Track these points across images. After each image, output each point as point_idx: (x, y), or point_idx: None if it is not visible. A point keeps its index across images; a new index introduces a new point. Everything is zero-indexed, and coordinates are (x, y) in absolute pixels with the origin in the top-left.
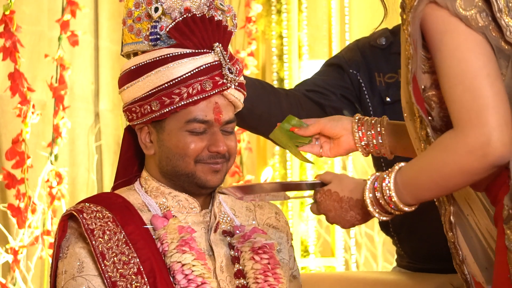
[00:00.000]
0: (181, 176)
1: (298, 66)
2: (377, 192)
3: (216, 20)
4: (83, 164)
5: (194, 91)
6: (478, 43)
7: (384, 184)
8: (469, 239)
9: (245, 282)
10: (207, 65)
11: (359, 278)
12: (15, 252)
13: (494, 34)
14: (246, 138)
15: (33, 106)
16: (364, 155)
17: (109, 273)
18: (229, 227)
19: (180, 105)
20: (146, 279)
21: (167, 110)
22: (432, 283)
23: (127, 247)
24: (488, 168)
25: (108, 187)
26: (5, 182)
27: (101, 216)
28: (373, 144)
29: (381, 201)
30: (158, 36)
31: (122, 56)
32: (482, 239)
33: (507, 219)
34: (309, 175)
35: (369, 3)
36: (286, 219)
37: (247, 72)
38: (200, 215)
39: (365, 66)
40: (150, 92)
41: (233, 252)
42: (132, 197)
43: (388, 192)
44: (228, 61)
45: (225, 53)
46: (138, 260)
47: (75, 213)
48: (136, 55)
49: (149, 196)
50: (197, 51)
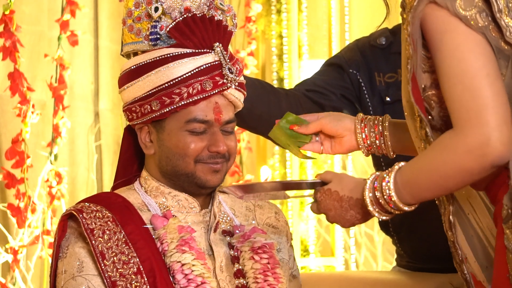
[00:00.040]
0: (181, 176)
1: (298, 66)
2: (377, 192)
3: (216, 20)
4: (82, 163)
5: (194, 91)
6: (478, 43)
7: (384, 183)
8: (469, 237)
9: (244, 281)
10: (207, 65)
11: (359, 277)
12: (14, 252)
13: (494, 34)
14: (246, 137)
15: (33, 106)
16: (366, 155)
17: (108, 273)
18: (228, 227)
19: (180, 105)
20: (146, 279)
21: (167, 110)
22: (432, 282)
23: (126, 247)
24: (488, 168)
25: (108, 186)
26: (5, 182)
27: (101, 216)
28: (376, 145)
29: (381, 200)
30: (158, 36)
31: (122, 56)
32: (483, 237)
33: (506, 218)
34: (309, 174)
35: (369, 3)
36: (285, 219)
37: (247, 72)
38: (199, 214)
39: (365, 66)
40: (150, 92)
41: (232, 252)
42: (132, 196)
43: (388, 191)
44: (228, 61)
45: (225, 53)
46: (138, 259)
47: (75, 213)
48: (136, 55)
49: (148, 196)
50: (197, 51)
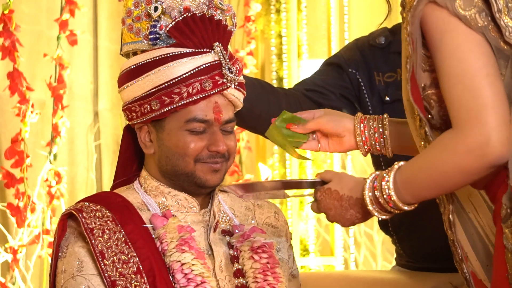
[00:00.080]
0: (181, 175)
1: (297, 66)
2: (376, 191)
3: (216, 20)
4: (82, 163)
5: (194, 90)
6: (478, 43)
7: (384, 183)
8: (470, 236)
9: (244, 281)
10: (207, 65)
11: (358, 277)
12: (14, 251)
13: (493, 34)
14: (245, 137)
15: (32, 106)
16: (364, 155)
17: (108, 272)
18: (228, 227)
19: (180, 104)
20: (145, 278)
21: (167, 109)
22: (431, 282)
23: (126, 246)
24: (487, 167)
25: (107, 186)
26: (4, 181)
27: (100, 215)
28: (375, 146)
29: (380, 200)
30: (158, 36)
31: (121, 55)
32: (483, 236)
33: (505, 218)
34: (308, 174)
35: (368, 2)
36: (285, 219)
37: (246, 71)
38: (199, 214)
39: (364, 65)
40: (150, 92)
41: (232, 252)
42: (132, 196)
43: (387, 191)
44: (228, 60)
45: (225, 52)
46: (137, 259)
47: (74, 212)
48: (135, 55)
49: (148, 196)
50: (197, 50)
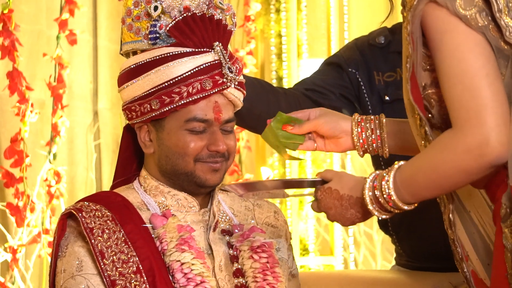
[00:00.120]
0: (181, 175)
1: (297, 65)
2: (376, 191)
3: (216, 19)
4: (81, 163)
5: (194, 90)
6: (478, 42)
7: (384, 182)
8: (470, 235)
9: (244, 281)
10: (207, 64)
11: (358, 276)
12: (13, 251)
13: (493, 34)
14: (245, 137)
15: (32, 105)
16: (361, 156)
17: (108, 272)
18: (228, 226)
19: (180, 104)
20: (145, 278)
21: (167, 109)
22: (431, 281)
23: (126, 246)
24: (486, 167)
25: (107, 186)
26: (3, 181)
27: (100, 215)
28: (373, 147)
29: (380, 199)
30: (158, 35)
31: (121, 55)
32: (484, 234)
33: (504, 217)
34: (308, 173)
35: (367, 2)
36: (284, 218)
37: (246, 71)
38: (199, 214)
39: (364, 65)
40: (150, 91)
41: (232, 251)
42: (131, 196)
43: (387, 190)
44: (228, 60)
45: (225, 52)
46: (137, 259)
47: (74, 212)
48: (135, 54)
49: (148, 195)
50: (197, 50)
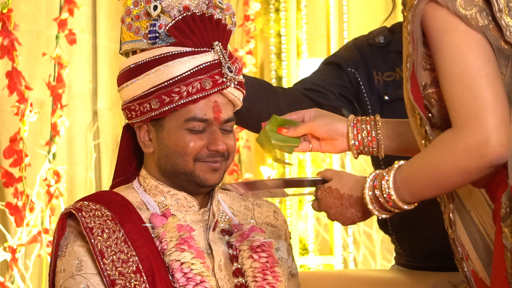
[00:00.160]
0: (180, 174)
1: (297, 65)
2: (376, 190)
3: (215, 19)
4: (81, 162)
5: (194, 89)
6: (478, 42)
7: (384, 182)
8: (471, 234)
9: (243, 280)
10: (206, 64)
11: (357, 276)
12: (13, 251)
13: (494, 34)
14: (245, 136)
15: (31, 105)
16: (355, 157)
17: (108, 272)
18: (227, 226)
19: (179, 103)
20: (145, 278)
21: (167, 108)
22: (431, 281)
23: (126, 246)
24: (486, 167)
25: (107, 185)
26: (3, 181)
27: (100, 215)
28: (368, 149)
29: (380, 199)
30: (157, 35)
31: (121, 54)
32: (484, 234)
33: (504, 217)
34: (308, 173)
35: (367, 2)
36: (284, 218)
37: (245, 71)
38: (198, 213)
39: (363, 64)
40: (149, 91)
41: (231, 251)
42: (131, 195)
43: (387, 190)
44: (227, 59)
45: (224, 51)
46: (137, 258)
47: (74, 212)
48: (135, 54)
49: (147, 195)
50: (196, 49)
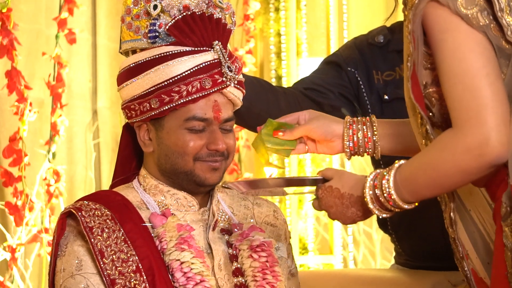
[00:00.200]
0: (180, 174)
1: (296, 64)
2: (377, 190)
3: (215, 18)
4: (81, 162)
5: (194, 89)
6: (479, 42)
7: (384, 181)
8: (471, 234)
9: (243, 280)
10: (206, 63)
11: (357, 275)
12: (12, 250)
13: (495, 33)
14: (245, 136)
15: (31, 104)
16: (348, 159)
17: (107, 271)
18: (227, 225)
19: (179, 103)
20: (145, 277)
21: (166, 108)
22: (430, 280)
23: (125, 245)
24: (486, 167)
25: (106, 185)
26: (2, 180)
27: (99, 214)
28: (364, 149)
29: (381, 198)
30: (157, 34)
31: (121, 53)
32: (484, 233)
33: (505, 216)
34: (307, 172)
35: (367, 1)
36: (284, 217)
37: (245, 70)
38: (198, 213)
39: (363, 64)
40: (149, 90)
41: (231, 250)
42: (131, 195)
43: (387, 189)
44: (227, 59)
45: (224, 51)
46: (137, 258)
47: (73, 211)
48: (134, 53)
49: (147, 194)
50: (196, 49)
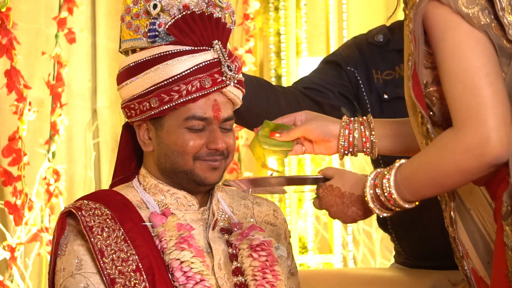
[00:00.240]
0: (180, 173)
1: (296, 63)
2: (377, 189)
3: (215, 18)
4: (80, 161)
5: (193, 88)
6: (479, 41)
7: (385, 180)
8: (471, 233)
9: (243, 279)
10: (206, 63)
11: (357, 274)
12: (12, 249)
13: (496, 33)
14: (244, 135)
15: (30, 104)
16: (340, 159)
17: (107, 270)
18: (227, 225)
19: (179, 102)
20: (145, 276)
21: (166, 107)
22: (430, 279)
23: (125, 244)
24: (486, 167)
25: (106, 184)
26: (2, 179)
27: (99, 214)
28: (359, 149)
29: (381, 197)
30: (157, 33)
31: (120, 52)
32: (484, 233)
33: (505, 215)
34: (307, 171)
35: (366, 1)
36: (284, 217)
37: (245, 69)
38: (198, 212)
39: (362, 63)
40: (149, 89)
41: (231, 250)
42: (131, 194)
43: (388, 189)
44: (227, 58)
45: (224, 50)
46: (136, 257)
47: (73, 211)
48: (134, 52)
49: (147, 194)
50: (196, 48)
